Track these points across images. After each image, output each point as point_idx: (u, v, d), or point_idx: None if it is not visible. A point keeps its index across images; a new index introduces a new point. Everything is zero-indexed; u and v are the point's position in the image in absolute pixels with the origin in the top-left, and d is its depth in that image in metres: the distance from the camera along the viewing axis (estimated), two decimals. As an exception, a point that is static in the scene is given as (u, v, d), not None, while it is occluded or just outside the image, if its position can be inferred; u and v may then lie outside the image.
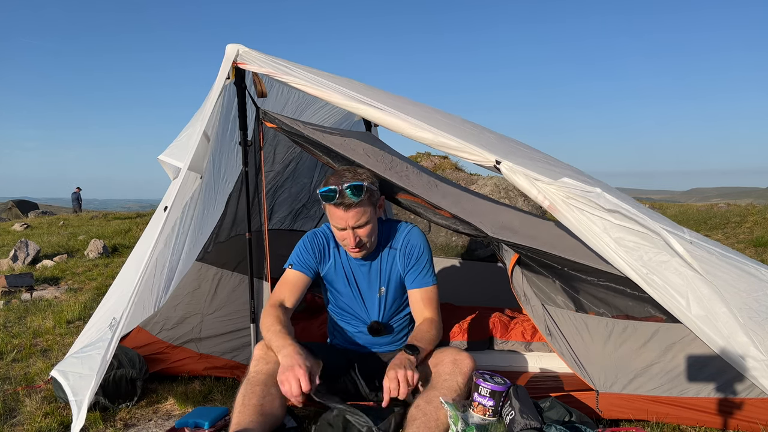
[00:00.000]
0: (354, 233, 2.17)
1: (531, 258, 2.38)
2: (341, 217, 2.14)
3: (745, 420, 2.09)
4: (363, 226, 2.18)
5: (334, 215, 2.17)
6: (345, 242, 2.22)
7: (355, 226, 2.16)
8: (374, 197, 2.22)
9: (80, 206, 23.64)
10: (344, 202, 2.11)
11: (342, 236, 2.21)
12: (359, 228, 2.17)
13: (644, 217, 2.10)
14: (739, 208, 10.23)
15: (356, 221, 2.15)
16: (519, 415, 1.82)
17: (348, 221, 2.14)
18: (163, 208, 2.41)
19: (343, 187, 2.11)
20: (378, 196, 2.26)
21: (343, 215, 2.14)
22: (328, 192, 2.13)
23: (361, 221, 2.16)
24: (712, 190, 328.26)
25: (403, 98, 2.97)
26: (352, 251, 2.25)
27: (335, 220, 2.17)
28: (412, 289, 2.32)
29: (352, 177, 2.17)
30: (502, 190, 8.17)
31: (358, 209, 2.13)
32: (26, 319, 4.46)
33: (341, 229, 2.18)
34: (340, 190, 2.11)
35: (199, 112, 2.63)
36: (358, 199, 2.11)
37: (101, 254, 8.34)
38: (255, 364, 2.01)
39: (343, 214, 2.13)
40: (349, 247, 2.23)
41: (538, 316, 2.35)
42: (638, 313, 2.25)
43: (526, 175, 2.16)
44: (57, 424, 2.36)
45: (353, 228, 2.16)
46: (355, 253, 2.26)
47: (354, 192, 2.11)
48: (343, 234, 2.20)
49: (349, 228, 2.16)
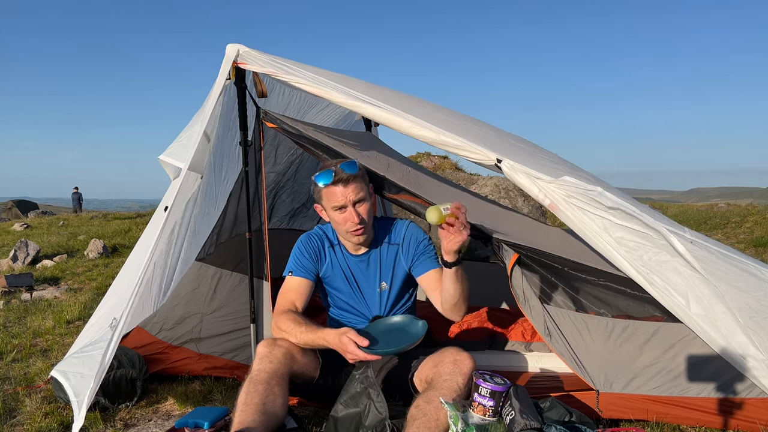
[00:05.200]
0: (355, 210, 2.19)
1: (531, 258, 2.38)
2: (341, 193, 2.17)
3: (745, 420, 2.09)
4: (362, 202, 2.21)
5: (333, 195, 2.19)
6: (348, 223, 2.21)
7: (356, 200, 2.19)
8: (366, 177, 2.30)
9: (81, 206, 23.65)
10: (342, 177, 2.16)
11: (344, 218, 2.21)
12: (359, 204, 2.20)
13: (645, 215, 2.10)
14: (739, 208, 10.23)
15: (356, 195, 2.18)
16: (519, 415, 1.82)
17: (348, 196, 2.17)
18: (163, 208, 2.41)
19: (337, 166, 2.19)
20: (368, 179, 2.33)
21: (342, 191, 2.17)
22: (324, 173, 2.19)
23: (360, 195, 2.20)
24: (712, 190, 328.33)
25: (405, 95, 2.97)
26: (355, 233, 2.23)
27: (335, 199, 2.18)
28: (428, 271, 2.32)
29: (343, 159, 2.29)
30: (502, 190, 8.17)
31: (355, 183, 2.18)
32: (26, 319, 4.46)
33: (341, 207, 2.19)
34: (336, 169, 2.18)
35: (200, 112, 2.63)
36: (354, 172, 2.18)
37: (101, 254, 8.33)
38: (258, 363, 2.00)
39: (342, 189, 2.17)
40: (352, 227, 2.22)
41: (538, 317, 2.35)
42: (638, 312, 2.25)
43: (527, 174, 2.16)
44: (57, 424, 2.36)
45: (354, 204, 2.19)
46: (357, 236, 2.24)
47: (349, 166, 2.19)
48: (344, 214, 2.20)
49: (350, 204, 2.18)
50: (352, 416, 1.95)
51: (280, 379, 1.98)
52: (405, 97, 2.88)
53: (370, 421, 1.91)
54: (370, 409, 1.93)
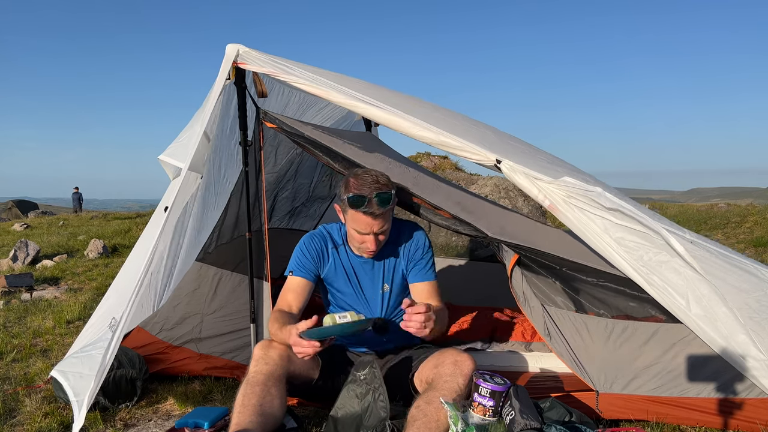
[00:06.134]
0: (376, 238, 2.19)
1: (531, 258, 2.38)
2: (367, 223, 2.13)
3: (745, 420, 2.09)
4: (384, 233, 2.20)
5: (358, 220, 2.14)
6: (364, 245, 2.22)
7: (379, 232, 2.17)
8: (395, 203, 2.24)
9: (81, 206, 23.65)
10: (374, 212, 2.09)
11: (362, 239, 2.20)
12: (381, 234, 2.19)
13: (645, 216, 2.10)
14: (739, 208, 10.23)
15: (380, 228, 2.16)
16: (519, 415, 1.82)
17: (373, 228, 2.15)
18: (163, 208, 2.41)
19: (373, 196, 2.08)
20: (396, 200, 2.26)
21: (369, 222, 2.13)
22: (356, 199, 2.09)
23: (384, 228, 2.18)
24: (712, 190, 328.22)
25: (404, 95, 2.96)
26: (366, 253, 2.27)
27: (359, 225, 2.15)
28: (417, 282, 2.33)
29: (380, 185, 2.12)
30: (502, 190, 8.17)
31: (385, 217, 2.15)
32: (26, 319, 4.46)
33: (363, 233, 2.17)
34: (370, 199, 2.08)
35: (200, 112, 2.63)
36: (387, 208, 2.12)
37: (101, 254, 8.33)
38: (255, 365, 2.01)
39: (370, 221, 2.12)
40: (365, 250, 2.24)
41: (538, 317, 2.35)
42: (638, 313, 2.25)
43: (527, 175, 2.16)
44: (57, 424, 2.36)
45: (376, 234, 2.17)
46: (369, 255, 2.28)
47: (383, 202, 2.10)
48: (364, 238, 2.19)
49: (373, 233, 2.17)
50: (352, 416, 1.95)
51: (276, 381, 1.98)
52: (405, 97, 2.87)
53: (371, 421, 1.91)
54: (372, 410, 1.92)
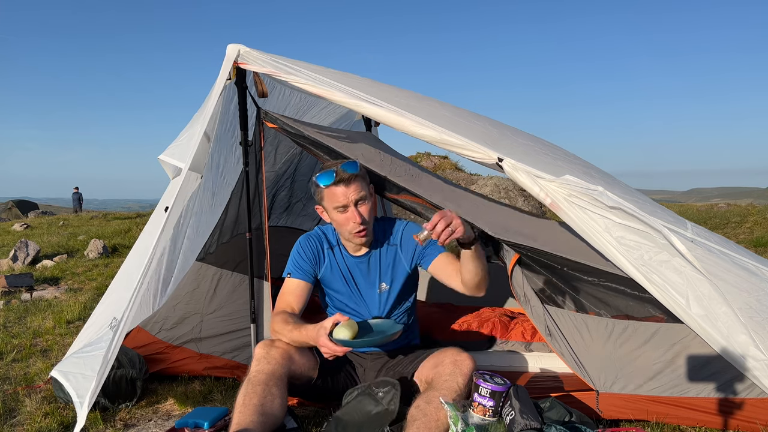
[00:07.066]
0: (357, 210, 2.19)
1: (531, 258, 2.38)
2: (342, 193, 2.17)
3: (745, 420, 2.09)
4: (363, 202, 2.21)
5: (334, 195, 2.18)
6: (350, 224, 2.21)
7: (357, 199, 2.19)
8: (367, 177, 2.29)
9: (81, 206, 23.65)
10: (343, 177, 2.16)
11: (346, 218, 2.20)
12: (360, 203, 2.20)
13: (645, 214, 2.10)
14: (739, 208, 10.23)
15: (357, 194, 2.18)
16: (519, 415, 1.82)
17: (349, 195, 2.17)
18: (163, 208, 2.40)
19: (338, 167, 2.18)
20: (369, 179, 2.32)
21: (344, 191, 2.17)
22: (326, 174, 2.18)
23: (361, 195, 2.20)
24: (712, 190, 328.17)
25: (407, 92, 2.92)
26: (358, 235, 2.23)
27: (336, 199, 2.18)
28: (435, 257, 2.31)
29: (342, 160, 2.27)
30: (502, 190, 8.17)
31: (356, 183, 2.18)
32: (26, 319, 4.46)
33: (343, 207, 2.19)
34: (337, 169, 2.17)
35: (200, 112, 2.63)
36: (355, 171, 2.18)
37: (101, 254, 8.33)
38: (256, 364, 2.01)
39: (344, 189, 2.17)
40: (354, 228, 2.21)
41: (538, 317, 2.35)
42: (638, 313, 2.25)
43: (528, 173, 2.16)
44: (57, 424, 2.36)
45: (356, 204, 2.19)
46: (360, 237, 2.24)
47: (349, 166, 2.19)
48: (346, 215, 2.20)
49: (352, 204, 2.18)
50: (355, 424, 1.95)
51: (278, 380, 1.98)
52: (407, 94, 2.84)
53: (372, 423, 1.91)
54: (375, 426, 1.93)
